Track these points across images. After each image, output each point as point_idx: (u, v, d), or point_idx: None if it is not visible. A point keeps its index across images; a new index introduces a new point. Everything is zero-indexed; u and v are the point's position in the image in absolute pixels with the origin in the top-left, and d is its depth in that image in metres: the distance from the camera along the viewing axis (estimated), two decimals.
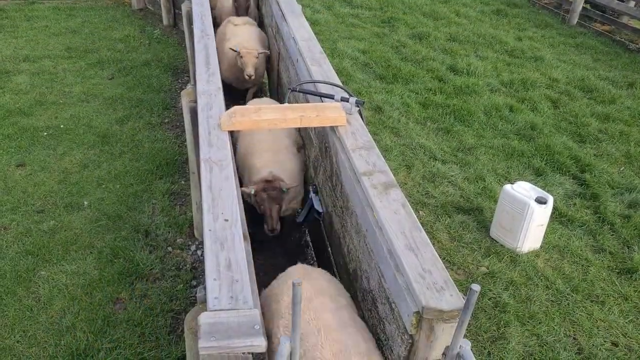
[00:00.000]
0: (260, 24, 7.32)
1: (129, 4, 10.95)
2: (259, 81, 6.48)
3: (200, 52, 4.54)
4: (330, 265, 3.86)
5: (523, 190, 5.07)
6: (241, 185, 3.95)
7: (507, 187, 5.14)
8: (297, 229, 5.16)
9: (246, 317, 2.14)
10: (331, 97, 3.79)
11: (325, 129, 3.75)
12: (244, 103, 5.47)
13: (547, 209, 5.01)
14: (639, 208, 5.81)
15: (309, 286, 2.84)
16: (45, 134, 6.64)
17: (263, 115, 3.49)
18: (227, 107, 3.72)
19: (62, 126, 6.81)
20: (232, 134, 4.56)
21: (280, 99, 5.58)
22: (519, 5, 12.56)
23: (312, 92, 4.02)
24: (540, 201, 4.95)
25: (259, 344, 2.06)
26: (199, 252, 4.96)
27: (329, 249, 3.94)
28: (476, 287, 1.92)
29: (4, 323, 4.17)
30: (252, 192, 3.96)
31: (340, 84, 4.05)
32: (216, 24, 6.79)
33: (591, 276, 4.90)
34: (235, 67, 5.93)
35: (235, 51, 5.75)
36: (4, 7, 10.51)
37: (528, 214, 4.93)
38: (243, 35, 6.19)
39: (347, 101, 3.71)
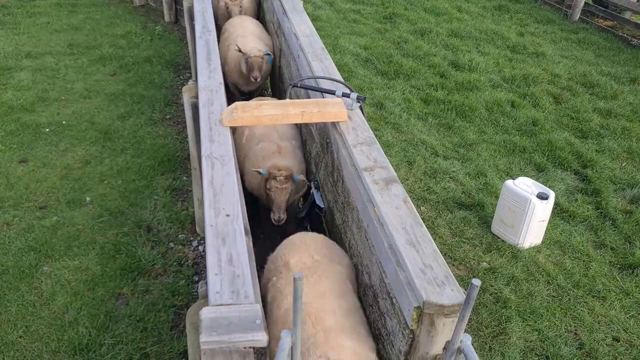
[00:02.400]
0: (262, 20, 7.32)
1: (131, 1, 10.95)
2: (264, 80, 6.43)
3: (202, 48, 4.55)
4: None
5: (524, 185, 5.07)
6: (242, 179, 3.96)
7: (509, 182, 5.14)
8: (298, 225, 5.17)
9: (247, 311, 2.15)
10: (332, 92, 3.79)
11: (327, 125, 3.75)
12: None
13: (549, 205, 5.01)
14: None
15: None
16: (48, 130, 6.65)
17: (264, 111, 3.50)
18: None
19: (64, 122, 6.82)
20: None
21: (281, 95, 5.58)
22: (521, 0, 12.52)
23: (313, 87, 4.02)
24: (542, 197, 4.95)
25: (260, 338, 2.07)
26: (200, 248, 4.98)
27: None
28: (477, 282, 1.93)
29: (7, 318, 4.19)
30: (264, 174, 3.95)
31: (342, 79, 4.05)
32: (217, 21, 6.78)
33: (592, 272, 4.90)
34: (242, 72, 5.87)
35: (243, 53, 5.64)
36: (6, 3, 10.51)
37: (529, 210, 4.93)
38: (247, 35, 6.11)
39: (349, 97, 3.72)
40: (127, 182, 5.79)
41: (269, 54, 5.74)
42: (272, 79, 6.63)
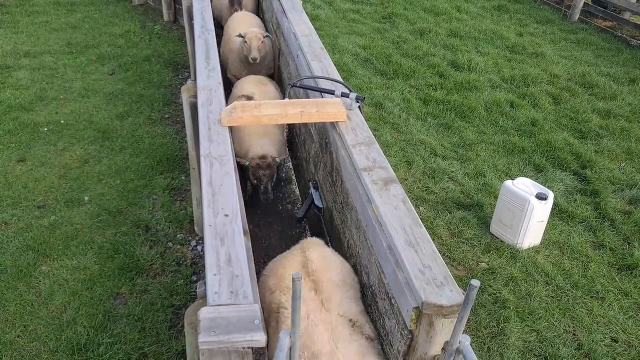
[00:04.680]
0: (261, 21, 7.31)
1: (130, 0, 10.94)
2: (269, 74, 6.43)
3: (201, 47, 4.54)
4: None
5: (524, 186, 5.07)
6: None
7: (508, 183, 5.14)
8: (297, 225, 5.16)
9: (246, 312, 2.15)
10: (332, 92, 3.79)
11: (326, 125, 3.75)
12: None
13: (548, 206, 5.01)
14: (639, 204, 5.81)
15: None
16: (46, 129, 6.64)
17: (264, 111, 3.49)
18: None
19: (62, 122, 6.81)
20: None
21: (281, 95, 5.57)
22: (521, 1, 12.53)
23: (312, 87, 4.02)
24: (541, 197, 4.95)
25: (259, 339, 2.06)
26: (199, 248, 4.97)
27: (330, 244, 3.94)
28: (476, 283, 1.93)
29: (5, 318, 4.18)
30: (247, 164, 4.52)
31: (341, 79, 4.04)
32: (216, 19, 6.78)
33: (591, 272, 4.90)
34: (244, 63, 5.89)
35: (242, 37, 5.73)
36: (5, 2, 10.50)
37: (528, 210, 4.93)
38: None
39: (348, 97, 3.71)
40: (125, 182, 5.79)
41: (268, 35, 5.90)
42: (272, 79, 6.62)
